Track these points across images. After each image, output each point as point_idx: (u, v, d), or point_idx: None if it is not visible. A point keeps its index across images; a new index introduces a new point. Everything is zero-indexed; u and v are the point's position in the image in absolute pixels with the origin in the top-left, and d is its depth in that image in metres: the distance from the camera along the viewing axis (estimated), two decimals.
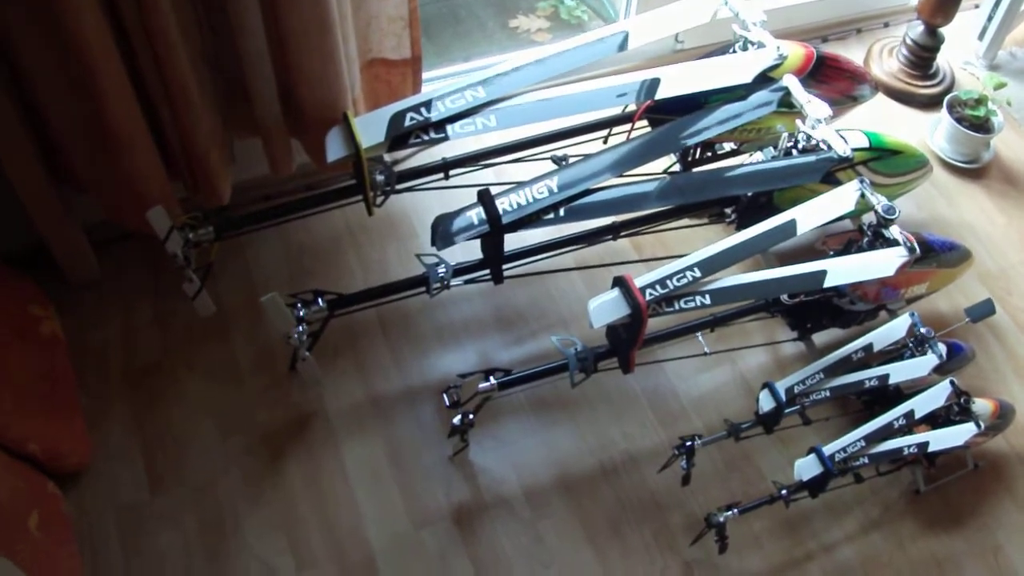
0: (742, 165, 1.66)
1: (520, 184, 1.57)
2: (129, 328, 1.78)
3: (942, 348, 1.58)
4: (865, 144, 1.74)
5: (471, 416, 1.52)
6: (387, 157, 1.64)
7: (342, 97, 1.67)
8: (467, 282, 1.66)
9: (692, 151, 1.85)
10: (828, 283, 1.50)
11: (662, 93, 1.66)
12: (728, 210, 1.77)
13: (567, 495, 1.64)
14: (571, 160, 1.64)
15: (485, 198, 1.54)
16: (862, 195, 1.57)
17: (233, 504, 1.59)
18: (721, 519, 1.49)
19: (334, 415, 1.70)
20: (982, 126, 2.05)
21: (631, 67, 1.92)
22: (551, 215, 1.57)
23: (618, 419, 1.73)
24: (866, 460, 1.52)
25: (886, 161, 1.78)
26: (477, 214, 1.53)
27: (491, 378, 1.52)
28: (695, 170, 1.78)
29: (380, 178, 1.64)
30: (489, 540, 1.59)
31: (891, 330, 1.60)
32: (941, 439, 1.53)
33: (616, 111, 1.76)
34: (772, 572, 1.59)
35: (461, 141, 1.61)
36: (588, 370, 1.53)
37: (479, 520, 1.61)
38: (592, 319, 1.45)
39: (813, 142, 1.65)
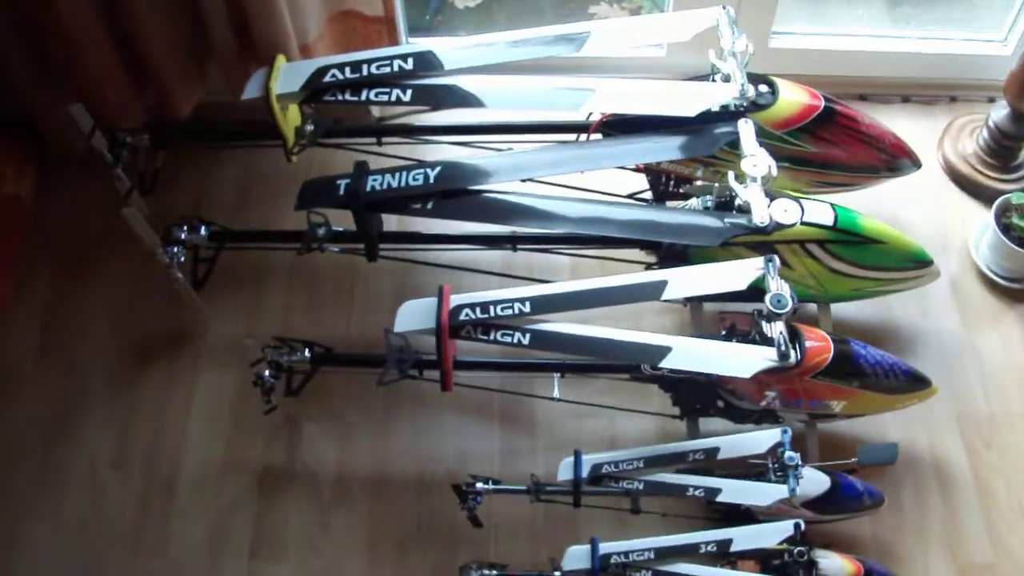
0: (645, 208, 1.41)
1: (404, 166, 1.42)
2: (87, 209, 1.79)
3: (801, 481, 1.26)
4: (827, 221, 1.41)
5: (272, 378, 1.40)
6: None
7: (285, 39, 1.58)
8: (341, 250, 1.53)
9: (664, 181, 1.59)
10: (667, 363, 1.24)
11: (587, 108, 1.42)
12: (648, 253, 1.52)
13: (372, 495, 1.51)
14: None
15: (359, 170, 1.41)
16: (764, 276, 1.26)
17: (95, 390, 1.62)
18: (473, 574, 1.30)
19: (209, 344, 1.66)
20: None
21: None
22: (419, 205, 1.41)
23: (462, 438, 1.56)
24: (648, 575, 1.26)
25: (854, 249, 1.43)
26: (344, 184, 1.40)
27: (308, 352, 1.40)
28: (616, 202, 1.52)
29: (309, 128, 1.54)
30: (281, 508, 1.50)
31: (747, 441, 1.31)
32: None
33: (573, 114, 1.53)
34: None
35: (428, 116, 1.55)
36: (404, 372, 1.37)
37: (281, 486, 1.52)
38: (397, 321, 1.29)
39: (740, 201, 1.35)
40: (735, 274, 1.28)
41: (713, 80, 1.49)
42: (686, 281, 1.29)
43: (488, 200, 1.41)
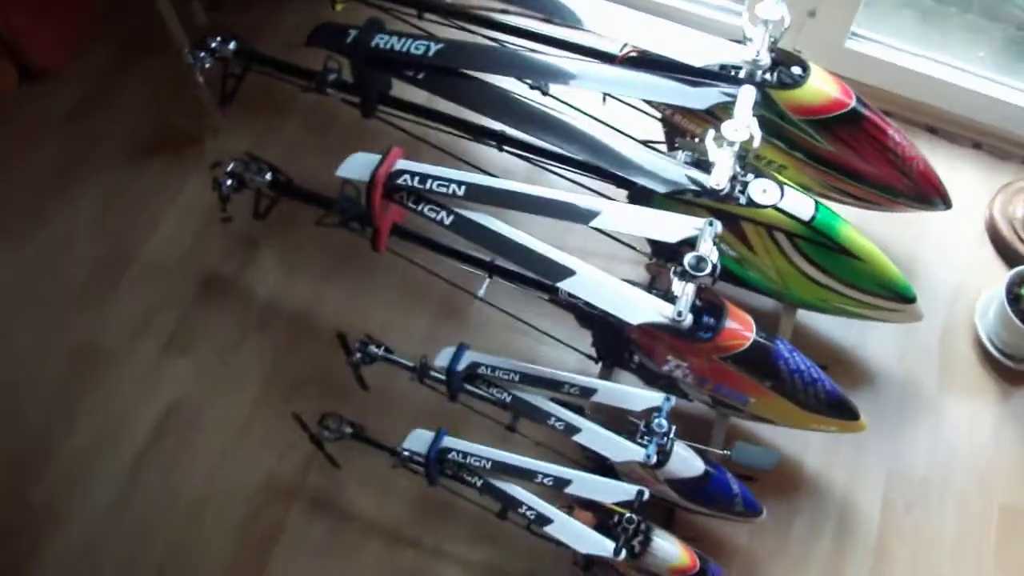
0: (621, 141, 1.35)
1: (415, 35, 1.42)
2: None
3: (660, 450, 1.21)
4: (803, 215, 1.31)
5: (230, 188, 1.43)
6: None
7: None
8: (342, 100, 1.54)
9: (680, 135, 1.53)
10: (565, 285, 1.20)
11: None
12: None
13: (291, 331, 1.55)
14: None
15: (370, 26, 1.42)
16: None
17: (101, 163, 1.72)
18: (326, 433, 1.31)
19: (209, 152, 1.72)
20: None
21: None
22: (411, 73, 1.41)
23: (394, 311, 1.57)
24: (478, 482, 1.24)
25: (826, 254, 1.33)
26: (353, 35, 1.42)
27: (270, 175, 1.43)
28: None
29: None
30: (210, 313, 1.56)
31: (626, 394, 1.25)
32: (577, 534, 1.19)
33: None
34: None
35: None
36: (344, 221, 1.38)
37: (218, 294, 1.58)
38: (342, 166, 1.31)
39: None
40: (670, 226, 1.22)
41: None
42: (619, 217, 1.24)
43: (474, 89, 1.39)
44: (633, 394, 1.24)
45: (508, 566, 1.36)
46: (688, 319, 1.15)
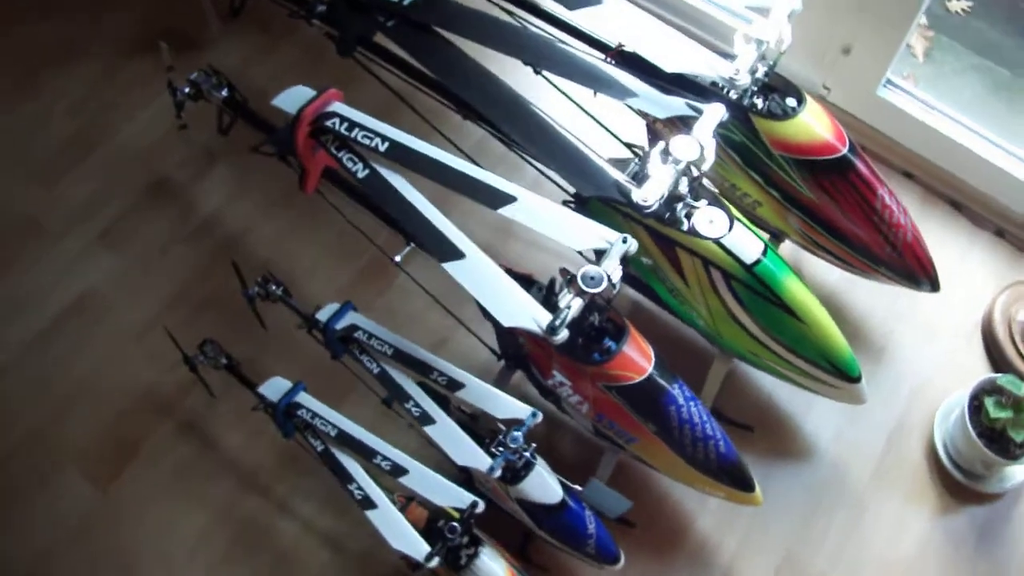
0: (568, 137, 1.25)
1: None
2: None
3: (510, 465, 1.11)
4: (746, 257, 1.18)
5: (183, 94, 1.40)
6: None
7: None
8: (325, 34, 1.47)
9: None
10: (449, 267, 1.11)
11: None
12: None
13: (221, 249, 1.52)
14: None
15: None
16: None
17: (97, 51, 1.71)
18: (202, 358, 1.27)
19: (203, 58, 1.66)
20: (1000, 439, 1.28)
21: None
22: (382, 19, 1.35)
23: (323, 257, 1.52)
24: (319, 447, 1.17)
25: (764, 306, 1.20)
26: None
27: (227, 91, 1.39)
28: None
29: None
30: (152, 211, 1.55)
31: (494, 398, 1.15)
32: (394, 529, 1.11)
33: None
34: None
35: None
36: (280, 152, 1.32)
37: (166, 195, 1.57)
38: (279, 96, 1.25)
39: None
40: (581, 232, 1.12)
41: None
42: (533, 210, 1.14)
43: (443, 52, 1.31)
44: (501, 400, 1.14)
45: (347, 541, 1.29)
46: (563, 335, 1.05)
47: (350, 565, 1.28)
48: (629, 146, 1.44)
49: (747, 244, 1.18)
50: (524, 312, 1.07)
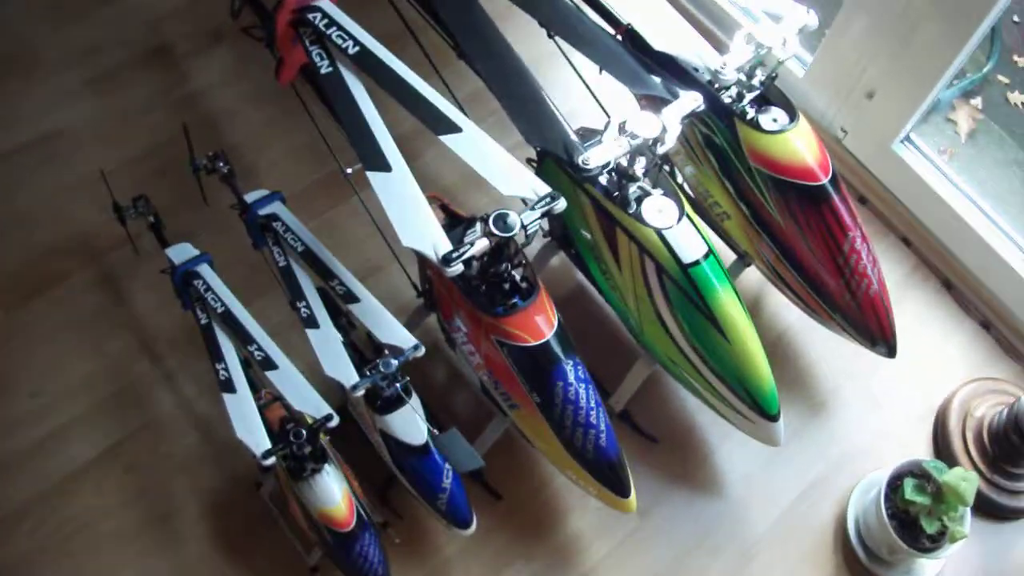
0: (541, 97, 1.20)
1: None
2: None
3: (375, 390, 1.07)
4: (684, 256, 1.11)
5: None
6: None
7: None
8: None
9: None
10: (371, 176, 1.08)
11: None
12: None
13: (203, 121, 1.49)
14: None
15: None
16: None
17: None
18: (131, 210, 1.26)
19: None
20: (911, 526, 1.19)
21: None
22: None
23: (288, 150, 1.50)
24: (203, 319, 1.16)
25: (692, 312, 1.13)
26: None
27: None
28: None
29: None
30: (127, 88, 1.54)
31: (386, 321, 1.11)
32: (241, 418, 1.08)
33: None
34: None
35: None
36: (264, 37, 1.31)
37: (157, 65, 1.55)
38: None
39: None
40: (513, 178, 1.07)
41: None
42: (473, 144, 1.10)
43: None
44: (389, 324, 1.11)
45: (217, 429, 1.27)
46: (457, 268, 1.00)
47: (212, 453, 1.26)
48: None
49: (690, 243, 1.12)
50: (427, 236, 1.02)
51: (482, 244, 1.01)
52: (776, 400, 1.16)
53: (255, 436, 1.05)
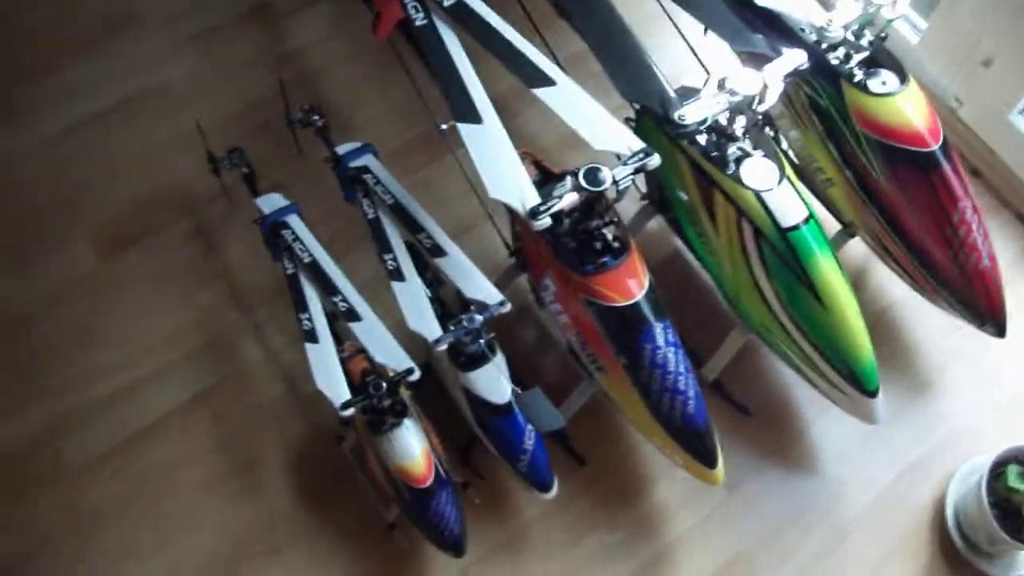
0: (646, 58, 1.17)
1: None
2: None
3: (458, 345, 1.06)
4: (783, 221, 1.07)
5: None
6: None
7: None
8: None
9: None
10: (463, 128, 1.07)
11: None
12: None
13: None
14: None
15: None
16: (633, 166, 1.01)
17: None
18: (226, 162, 1.29)
19: None
20: (1014, 516, 1.12)
21: None
22: None
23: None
24: (290, 269, 1.17)
25: (789, 280, 1.09)
26: None
27: None
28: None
29: None
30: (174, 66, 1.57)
31: (474, 277, 1.10)
32: (324, 369, 1.09)
33: None
34: None
35: None
36: None
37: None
38: None
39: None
40: (607, 133, 1.05)
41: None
42: (567, 98, 1.08)
43: None
44: (476, 279, 1.10)
45: (303, 382, 1.27)
46: (544, 222, 0.98)
47: (297, 405, 1.27)
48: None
49: (789, 206, 1.08)
50: (515, 189, 1.01)
51: (571, 198, 0.99)
52: (875, 375, 1.11)
53: (335, 387, 1.05)
